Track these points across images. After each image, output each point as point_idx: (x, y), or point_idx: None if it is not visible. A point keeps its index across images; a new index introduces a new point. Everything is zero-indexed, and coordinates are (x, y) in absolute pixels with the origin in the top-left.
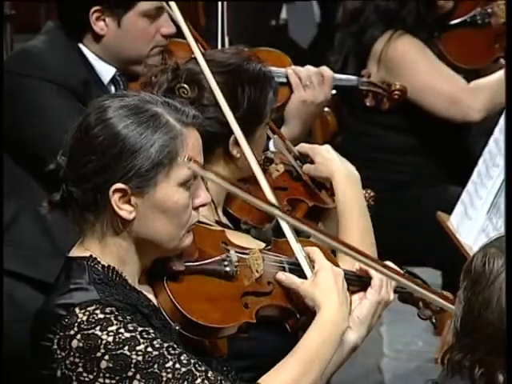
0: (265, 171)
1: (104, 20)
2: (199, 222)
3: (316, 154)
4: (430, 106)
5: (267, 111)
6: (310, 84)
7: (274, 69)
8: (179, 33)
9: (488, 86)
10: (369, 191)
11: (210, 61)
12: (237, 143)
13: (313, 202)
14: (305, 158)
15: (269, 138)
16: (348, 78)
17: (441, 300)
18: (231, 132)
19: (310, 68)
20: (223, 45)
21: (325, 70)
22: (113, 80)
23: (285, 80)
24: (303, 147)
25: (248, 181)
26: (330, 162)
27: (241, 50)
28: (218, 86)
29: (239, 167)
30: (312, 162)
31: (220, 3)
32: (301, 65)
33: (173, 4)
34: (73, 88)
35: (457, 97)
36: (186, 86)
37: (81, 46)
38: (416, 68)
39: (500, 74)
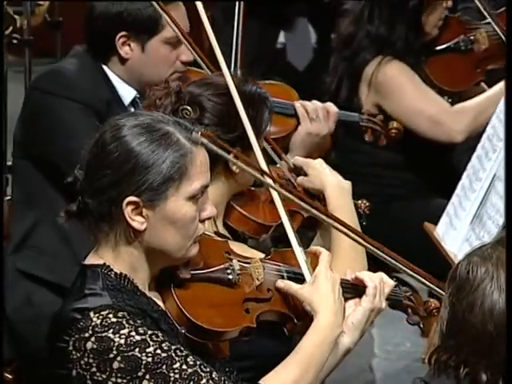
0: (263, 185)
1: (129, 45)
2: None
3: (309, 167)
4: (416, 127)
5: (263, 129)
6: (316, 118)
7: (282, 101)
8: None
9: (470, 108)
10: (364, 201)
11: (209, 84)
12: (234, 161)
13: (308, 214)
14: (299, 171)
15: (275, 163)
16: (350, 115)
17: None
18: (229, 152)
19: (316, 103)
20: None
21: (330, 106)
22: (133, 102)
23: (293, 112)
24: (297, 160)
25: (244, 194)
26: (322, 175)
27: (236, 73)
28: (217, 106)
29: (238, 181)
30: (305, 175)
31: (235, 32)
32: (298, 86)
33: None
34: (96, 108)
35: (441, 119)
36: (188, 107)
37: (105, 68)
38: (403, 91)
39: (482, 97)
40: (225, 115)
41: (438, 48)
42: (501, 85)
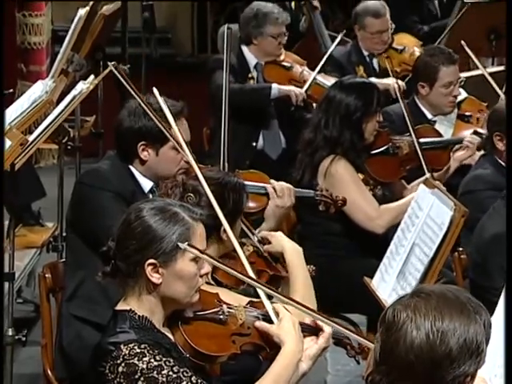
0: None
1: (147, 151)
2: None
3: (272, 236)
4: (353, 218)
5: (242, 208)
6: (282, 195)
7: (258, 184)
8: None
9: (393, 211)
10: (312, 266)
11: (206, 176)
12: (225, 231)
13: (272, 272)
14: (264, 241)
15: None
16: (308, 191)
17: (361, 338)
18: (220, 224)
19: (282, 183)
20: (224, 167)
21: (290, 186)
22: (151, 190)
23: (265, 192)
24: (263, 233)
25: (228, 256)
26: (281, 241)
27: (218, 169)
28: (212, 192)
29: (226, 246)
30: (269, 243)
31: (222, 137)
32: (274, 175)
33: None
34: (124, 196)
35: (372, 216)
36: (191, 194)
37: (130, 167)
38: (348, 189)
39: (401, 202)
40: (218, 198)
41: (374, 152)
42: (412, 195)
